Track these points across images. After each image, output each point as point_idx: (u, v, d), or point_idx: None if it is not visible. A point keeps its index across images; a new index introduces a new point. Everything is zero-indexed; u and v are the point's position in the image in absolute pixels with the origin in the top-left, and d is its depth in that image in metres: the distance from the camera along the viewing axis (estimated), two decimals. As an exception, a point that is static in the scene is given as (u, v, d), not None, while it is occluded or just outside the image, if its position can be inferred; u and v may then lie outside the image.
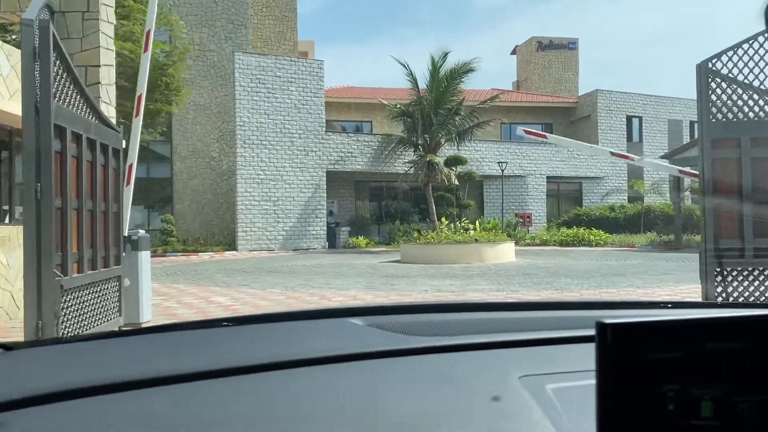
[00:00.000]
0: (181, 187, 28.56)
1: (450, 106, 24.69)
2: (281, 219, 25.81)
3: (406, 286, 11.85)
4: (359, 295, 10.67)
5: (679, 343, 0.67)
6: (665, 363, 0.66)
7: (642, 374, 0.65)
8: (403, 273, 14.45)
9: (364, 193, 29.63)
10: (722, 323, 0.69)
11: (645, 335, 0.66)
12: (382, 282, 12.57)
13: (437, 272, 14.42)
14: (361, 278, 13.34)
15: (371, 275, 14.01)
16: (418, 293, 10.87)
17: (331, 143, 26.69)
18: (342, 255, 21.98)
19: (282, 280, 13.15)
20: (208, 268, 16.89)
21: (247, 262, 19.31)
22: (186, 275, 14.89)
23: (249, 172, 25.39)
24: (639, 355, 0.65)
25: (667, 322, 0.68)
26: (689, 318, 0.69)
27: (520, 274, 13.69)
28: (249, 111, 25.43)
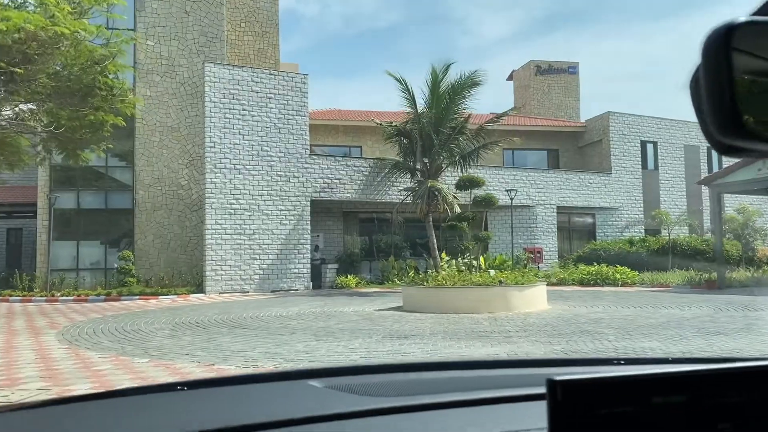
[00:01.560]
0: (144, 220, 24.47)
1: (453, 124, 20.99)
2: (258, 255, 21.77)
3: (425, 355, 7.88)
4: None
5: (627, 398, 0.69)
6: (614, 418, 0.67)
7: (592, 429, 0.67)
8: (412, 330, 10.45)
9: (353, 225, 25.71)
10: (666, 379, 0.72)
11: (594, 391, 0.68)
12: (388, 348, 8.57)
13: (459, 328, 10.46)
14: (356, 340, 9.34)
15: (369, 334, 10.00)
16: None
17: (316, 168, 22.85)
18: (329, 299, 17.95)
19: (244, 345, 9.10)
20: (156, 320, 12.79)
21: (210, 310, 15.22)
22: (117, 333, 10.79)
23: (220, 201, 21.41)
24: (589, 411, 0.67)
25: (614, 378, 0.70)
26: (635, 374, 0.71)
27: (576, 332, 9.75)
28: (221, 130, 21.58)
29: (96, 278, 23.52)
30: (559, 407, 0.66)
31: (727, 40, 0.57)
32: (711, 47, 0.58)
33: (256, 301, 17.77)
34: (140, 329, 11.27)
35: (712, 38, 0.58)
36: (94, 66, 12.84)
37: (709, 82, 0.58)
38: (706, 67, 0.58)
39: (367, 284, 23.45)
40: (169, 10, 25.08)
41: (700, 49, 0.59)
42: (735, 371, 0.77)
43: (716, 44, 0.57)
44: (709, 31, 0.58)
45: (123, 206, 24.56)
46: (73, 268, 23.71)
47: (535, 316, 12.00)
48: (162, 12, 25.02)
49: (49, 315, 15.18)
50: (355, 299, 17.58)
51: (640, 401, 0.69)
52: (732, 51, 0.57)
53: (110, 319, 13.46)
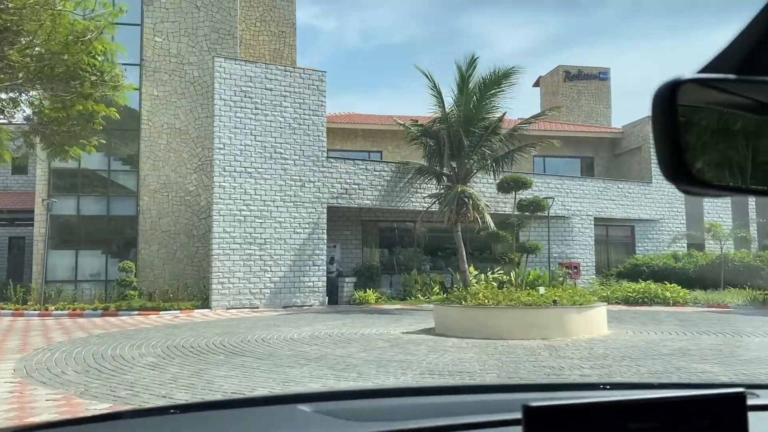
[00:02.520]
0: (149, 228, 22.51)
1: (486, 124, 18.83)
2: (269, 267, 19.69)
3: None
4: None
5: (602, 424, 0.69)
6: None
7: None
8: (455, 363, 8.25)
9: (372, 235, 23.56)
10: (640, 405, 0.73)
11: (569, 417, 0.69)
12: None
13: (514, 361, 8.26)
14: (386, 377, 7.16)
15: (402, 368, 7.81)
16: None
17: (334, 172, 20.78)
18: (347, 317, 15.79)
19: (241, 382, 6.96)
20: (146, 342, 10.70)
21: (212, 329, 13.12)
22: (91, 361, 8.71)
23: (229, 207, 19.40)
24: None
25: (590, 405, 0.71)
26: (610, 400, 0.72)
27: (671, 369, 7.47)
28: (231, 130, 19.61)
29: (96, 291, 21.56)
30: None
31: (673, 96, 0.61)
32: (659, 102, 0.61)
33: (266, 319, 15.65)
34: (121, 356, 9.17)
35: (659, 94, 0.61)
36: (77, 43, 10.88)
37: (657, 134, 0.62)
38: (655, 120, 0.62)
39: (387, 300, 21.27)
40: (179, 5, 23.27)
41: (650, 103, 0.62)
42: (707, 398, 0.77)
43: (663, 99, 0.61)
44: (656, 87, 0.61)
45: (126, 213, 22.63)
46: (71, 279, 21.78)
47: (602, 345, 9.74)
48: (171, 6, 23.21)
49: (29, 332, 13.18)
50: (376, 318, 15.40)
51: (614, 427, 0.69)
52: (677, 105, 0.61)
53: (93, 340, 11.40)
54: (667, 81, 0.61)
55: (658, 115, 0.61)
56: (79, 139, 13.16)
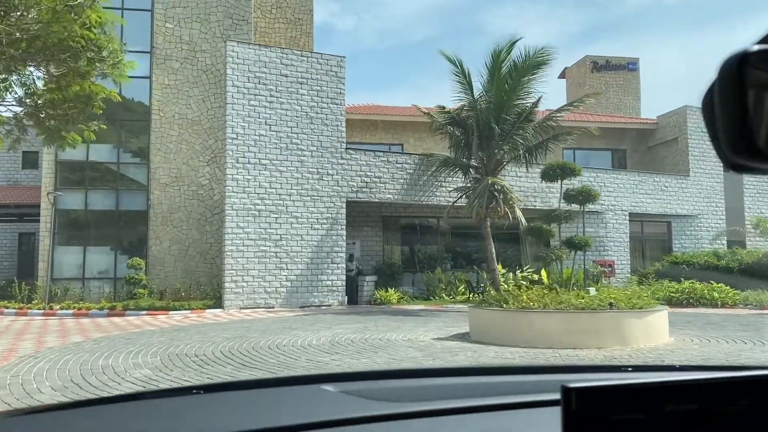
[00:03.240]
0: (160, 223, 21.32)
1: (519, 110, 17.35)
2: (285, 265, 18.38)
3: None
4: None
5: (640, 405, 0.69)
6: (627, 425, 0.68)
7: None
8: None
9: (394, 231, 22.16)
10: (678, 386, 0.73)
11: (608, 399, 0.69)
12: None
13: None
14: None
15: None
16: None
17: (354, 164, 19.41)
18: (369, 318, 14.42)
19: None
20: (145, 348, 9.40)
21: (222, 332, 11.81)
22: (74, 373, 7.40)
23: (242, 201, 18.11)
24: (602, 418, 0.68)
25: (628, 386, 0.71)
26: (649, 382, 0.72)
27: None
28: (244, 119, 18.32)
29: (104, 289, 20.41)
30: (573, 414, 0.67)
31: (741, 66, 0.60)
32: (727, 72, 0.61)
33: (281, 321, 14.33)
34: (113, 367, 7.87)
35: (728, 64, 0.61)
36: (68, 13, 9.61)
37: (723, 104, 0.60)
38: (721, 90, 0.61)
39: (410, 300, 19.88)
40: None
41: (717, 72, 0.62)
42: (744, 380, 0.77)
43: (731, 69, 0.60)
44: (725, 57, 0.62)
45: (136, 208, 21.45)
46: (79, 277, 20.63)
47: (671, 357, 8.27)
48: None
49: (23, 335, 11.97)
50: (401, 321, 14.01)
51: (652, 408, 0.69)
52: (746, 76, 0.60)
53: (88, 346, 10.13)
54: (736, 52, 0.60)
55: (725, 85, 0.60)
56: (77, 123, 11.89)
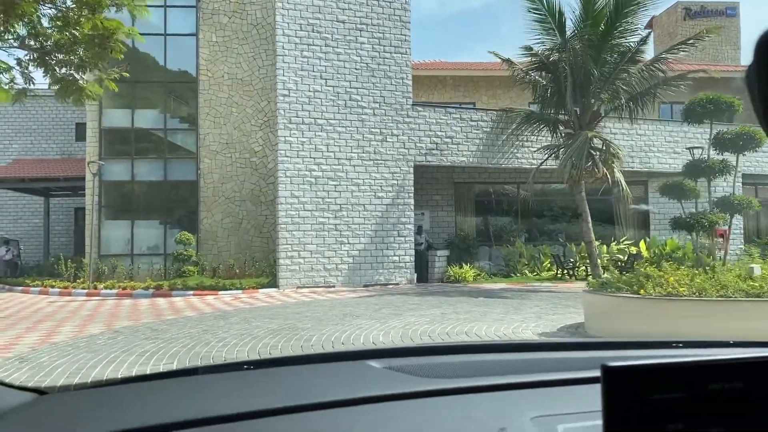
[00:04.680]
0: (211, 194, 19.38)
1: (622, 49, 14.28)
2: (346, 238, 16.07)
3: None
4: None
5: (682, 384, 0.68)
6: (669, 404, 0.67)
7: (647, 415, 0.66)
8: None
9: (467, 199, 19.46)
10: (722, 365, 0.71)
11: (648, 377, 0.68)
12: None
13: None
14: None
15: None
16: None
17: (422, 123, 16.79)
18: (446, 300, 11.93)
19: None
20: (166, 347, 7.23)
21: (270, 320, 9.56)
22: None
23: (296, 167, 15.84)
24: (643, 397, 0.67)
25: (669, 365, 0.70)
26: (690, 360, 0.71)
27: None
28: (297, 73, 15.95)
29: (154, 266, 18.68)
30: (614, 392, 0.66)
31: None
32: (763, 47, 0.60)
33: (341, 304, 12.02)
34: (106, 378, 5.67)
35: (763, 39, 0.60)
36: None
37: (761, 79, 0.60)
38: (758, 65, 0.60)
39: (488, 277, 17.25)
40: (238, -65, 19.68)
41: (753, 47, 0.61)
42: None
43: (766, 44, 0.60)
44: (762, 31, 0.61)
45: (186, 178, 19.56)
46: (127, 253, 18.98)
47: None
48: (229, -62, 19.66)
49: (43, 322, 10.11)
50: (486, 305, 11.44)
51: (695, 387, 0.68)
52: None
53: (101, 341, 8.06)
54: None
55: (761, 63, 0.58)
56: (92, 66, 9.74)
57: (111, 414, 0.99)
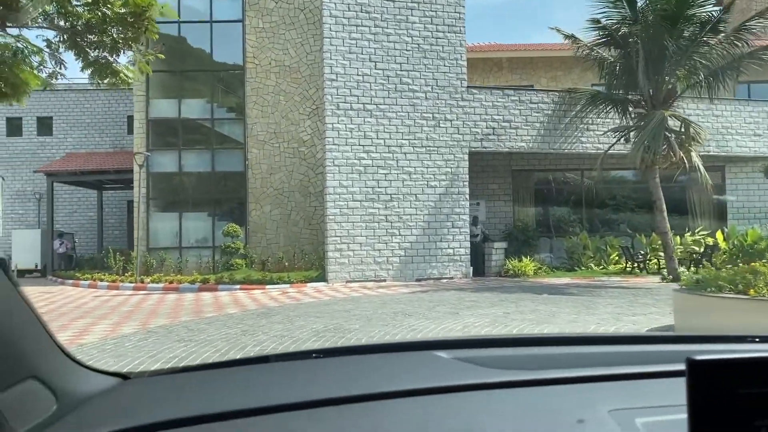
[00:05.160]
0: (259, 185, 18.79)
1: (701, 19, 12.82)
2: (397, 230, 15.16)
3: None
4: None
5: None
6: (756, 398, 0.65)
7: (733, 409, 0.65)
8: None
9: (526, 188, 18.23)
10: None
11: (735, 371, 0.66)
12: None
13: None
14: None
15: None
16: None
17: (477, 107, 15.67)
18: (504, 298, 10.86)
19: None
20: (193, 349, 6.49)
21: (314, 321, 8.74)
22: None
23: (345, 155, 15.01)
24: (730, 391, 0.65)
25: (757, 359, 0.68)
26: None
27: None
28: (345, 56, 15.08)
29: (202, 259, 18.22)
30: (699, 386, 0.65)
31: None
32: None
33: (393, 301, 11.12)
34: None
35: None
36: None
37: None
38: None
39: (549, 271, 16.05)
40: None
41: None
42: None
43: None
44: None
45: (233, 169, 19.02)
46: (175, 246, 18.59)
47: None
48: None
49: (81, 318, 9.59)
50: (553, 302, 10.33)
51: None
52: None
53: (129, 344, 7.40)
54: None
55: None
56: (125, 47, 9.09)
57: (190, 399, 1.01)
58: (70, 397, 0.92)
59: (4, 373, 0.78)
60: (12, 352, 0.81)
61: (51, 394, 0.87)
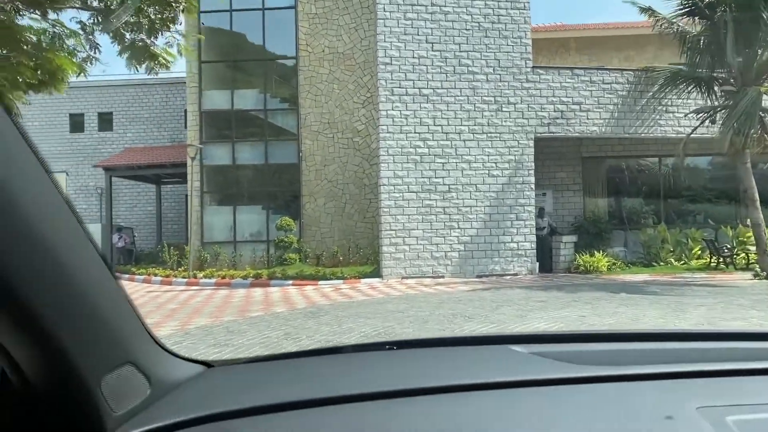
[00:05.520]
0: (313, 178, 18.15)
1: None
2: (456, 223, 14.17)
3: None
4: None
5: None
6: None
7: None
8: None
9: (597, 176, 16.85)
10: None
11: None
12: None
13: None
14: None
15: None
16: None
17: (544, 89, 14.46)
18: (577, 298, 9.73)
19: None
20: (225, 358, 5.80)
21: (362, 324, 7.91)
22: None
23: (400, 143, 14.12)
24: None
25: None
26: None
27: None
28: (399, 38, 14.17)
29: (257, 253, 17.73)
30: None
31: None
32: None
33: (451, 300, 10.16)
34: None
35: None
36: None
37: None
38: None
39: (624, 266, 14.71)
40: None
41: None
42: None
43: None
44: None
45: (287, 161, 18.42)
46: (230, 240, 18.19)
47: None
48: None
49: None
50: (634, 303, 9.13)
51: None
52: None
53: (168, 342, 6.71)
54: None
55: None
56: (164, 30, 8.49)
57: (272, 386, 1.03)
58: (162, 382, 0.94)
59: (106, 357, 0.81)
60: (113, 338, 0.82)
61: (145, 379, 0.90)
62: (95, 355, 0.79)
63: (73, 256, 0.73)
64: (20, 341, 0.70)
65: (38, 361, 0.73)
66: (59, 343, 0.72)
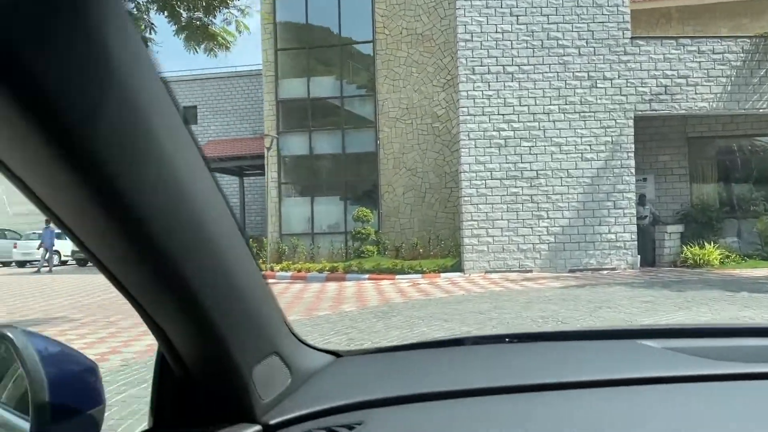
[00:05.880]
0: (392, 166, 17.31)
1: None
2: (545, 212, 12.89)
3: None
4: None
5: None
6: None
7: None
8: None
9: (706, 159, 14.99)
10: None
11: None
12: None
13: None
14: None
15: None
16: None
17: (644, 61, 12.86)
18: (690, 295, 8.33)
19: None
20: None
21: (436, 328, 6.96)
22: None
23: (482, 126, 12.98)
24: None
25: None
26: None
27: None
28: (480, 12, 12.99)
29: (335, 245, 17.13)
30: None
31: None
32: None
33: (540, 299, 9.01)
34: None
35: None
36: None
37: None
38: None
39: (739, 260, 12.92)
40: None
41: None
42: None
43: None
44: None
45: (364, 149, 17.67)
46: (308, 232, 17.69)
47: None
48: None
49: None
50: (758, 303, 7.65)
51: None
52: None
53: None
54: None
55: None
56: (223, 6, 7.84)
57: (402, 377, 1.03)
58: (300, 371, 0.96)
59: (257, 348, 0.84)
60: (262, 330, 0.84)
61: (287, 369, 0.93)
62: (248, 345, 0.81)
63: (232, 251, 0.73)
64: (183, 330, 0.72)
65: (198, 350, 0.75)
66: (218, 333, 0.73)
